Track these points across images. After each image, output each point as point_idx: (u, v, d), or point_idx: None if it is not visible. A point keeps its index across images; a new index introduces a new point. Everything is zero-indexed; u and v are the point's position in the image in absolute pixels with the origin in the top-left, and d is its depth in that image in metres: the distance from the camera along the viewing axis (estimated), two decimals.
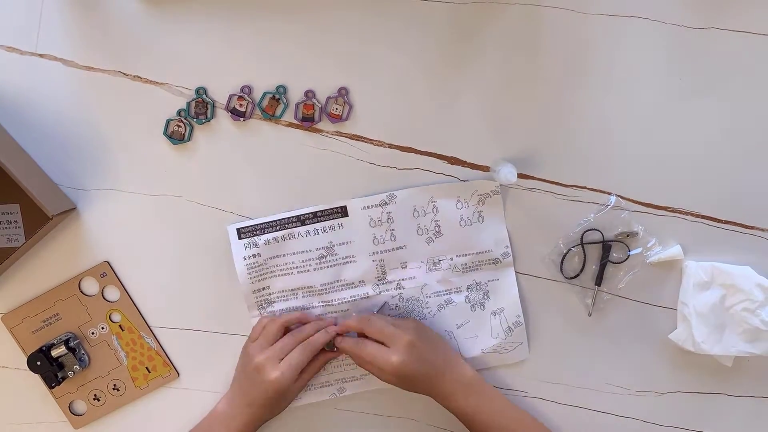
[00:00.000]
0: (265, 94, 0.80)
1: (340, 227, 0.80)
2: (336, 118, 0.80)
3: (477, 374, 0.79)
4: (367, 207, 0.80)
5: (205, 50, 0.79)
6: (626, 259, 0.81)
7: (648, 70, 0.79)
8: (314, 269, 0.81)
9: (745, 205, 0.81)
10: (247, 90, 0.80)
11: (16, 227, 0.83)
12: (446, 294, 0.83)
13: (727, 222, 0.81)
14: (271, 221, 0.81)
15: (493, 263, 0.82)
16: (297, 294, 0.82)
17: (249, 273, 0.81)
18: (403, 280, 0.82)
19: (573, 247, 0.81)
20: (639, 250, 0.81)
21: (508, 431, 0.76)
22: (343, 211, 0.80)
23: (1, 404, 0.86)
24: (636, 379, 0.84)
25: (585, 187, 0.81)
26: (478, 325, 0.83)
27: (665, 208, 0.81)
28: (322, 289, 0.82)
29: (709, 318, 0.80)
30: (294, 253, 0.81)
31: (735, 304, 0.80)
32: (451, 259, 0.82)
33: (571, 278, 0.82)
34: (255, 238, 0.80)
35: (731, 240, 0.81)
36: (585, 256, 0.81)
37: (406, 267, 0.82)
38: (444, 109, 0.80)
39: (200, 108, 0.80)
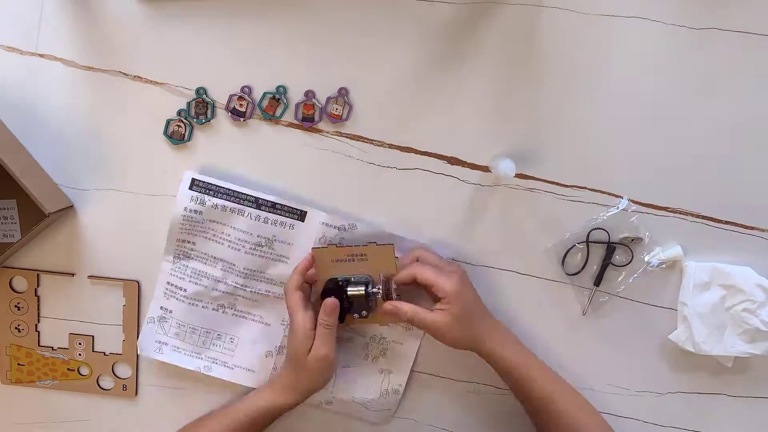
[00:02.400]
0: (265, 94, 0.80)
1: (291, 228, 0.80)
2: (336, 118, 0.80)
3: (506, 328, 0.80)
4: (326, 224, 0.80)
5: (205, 50, 0.79)
6: (628, 263, 0.81)
7: (648, 71, 0.79)
8: (245, 252, 0.81)
9: (745, 205, 0.81)
10: (247, 90, 0.80)
11: (12, 223, 0.83)
12: (350, 332, 0.83)
13: (727, 222, 0.81)
14: (228, 189, 0.79)
15: (406, 327, 0.83)
16: (217, 264, 0.81)
17: (182, 224, 0.80)
18: None
19: (578, 243, 0.81)
20: (643, 256, 0.81)
21: (553, 399, 0.77)
22: (301, 215, 0.80)
23: (2, 405, 0.86)
24: (636, 379, 0.84)
25: (585, 188, 0.81)
26: (362, 374, 0.83)
27: (665, 208, 0.81)
28: (244, 272, 0.81)
29: (709, 318, 0.80)
30: (234, 228, 0.80)
31: (735, 304, 0.80)
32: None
33: (572, 275, 0.82)
34: (204, 196, 0.79)
35: (731, 240, 0.81)
36: (588, 254, 0.81)
37: None
38: (444, 110, 0.80)
39: (200, 108, 0.80)
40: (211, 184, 0.79)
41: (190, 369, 0.83)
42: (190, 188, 0.79)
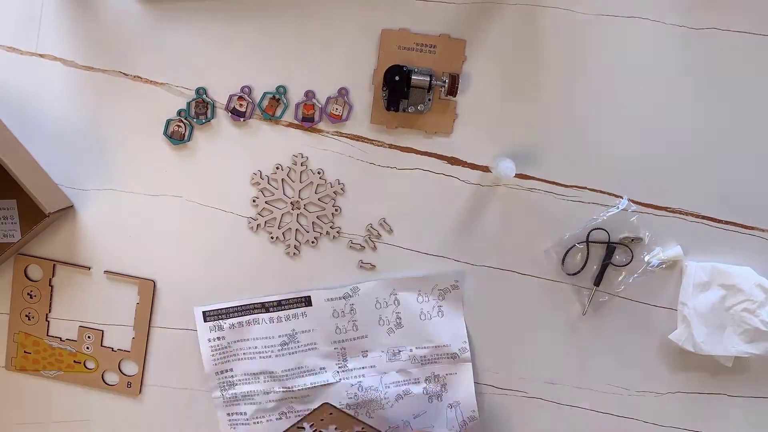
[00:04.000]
0: (265, 94, 0.80)
1: (304, 316, 0.81)
2: (336, 118, 0.80)
3: None
4: (331, 299, 0.81)
5: (205, 50, 0.79)
6: (628, 263, 0.81)
7: (648, 71, 0.79)
8: (276, 355, 0.82)
9: (745, 205, 0.81)
10: (247, 90, 0.80)
11: (12, 223, 0.83)
12: (405, 384, 0.84)
13: (727, 222, 0.81)
14: (236, 306, 0.81)
15: (452, 358, 0.83)
16: (259, 378, 0.83)
17: (213, 355, 0.82)
18: (363, 368, 0.83)
19: (578, 243, 0.81)
20: (643, 256, 0.81)
21: None
22: (306, 301, 0.81)
23: (4, 405, 0.86)
24: (636, 380, 0.84)
25: (585, 188, 0.81)
26: (434, 417, 0.84)
27: (665, 208, 0.81)
28: (284, 375, 0.83)
29: (709, 318, 0.80)
30: (257, 339, 0.82)
31: (735, 304, 0.80)
32: (411, 350, 0.83)
33: (571, 275, 0.82)
34: (220, 321, 0.81)
35: (731, 240, 0.81)
36: (588, 254, 0.81)
37: (366, 356, 0.83)
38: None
39: (200, 108, 0.80)
40: (221, 309, 0.82)
41: None
42: (205, 321, 0.81)
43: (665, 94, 0.79)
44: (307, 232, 0.82)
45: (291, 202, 0.82)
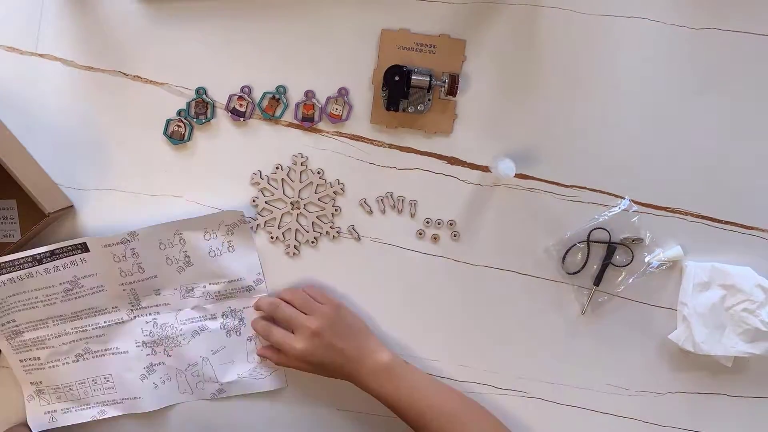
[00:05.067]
0: (265, 94, 0.80)
1: (83, 261, 0.80)
2: (336, 118, 0.80)
3: (396, 358, 0.78)
4: (109, 245, 0.79)
5: (205, 50, 0.79)
6: (629, 263, 0.81)
7: (648, 71, 0.79)
8: (61, 301, 0.81)
9: (745, 205, 0.81)
10: (247, 90, 0.80)
11: (12, 223, 0.83)
12: (201, 320, 0.83)
13: (727, 222, 0.81)
14: (5, 261, 0.78)
15: (247, 290, 0.83)
16: (47, 323, 0.82)
17: None
18: (157, 305, 0.83)
19: (579, 242, 0.81)
20: (644, 257, 0.81)
21: (432, 412, 0.75)
22: (83, 247, 0.79)
23: (5, 404, 0.86)
24: (636, 379, 0.84)
25: (585, 188, 0.81)
26: (233, 351, 0.84)
27: (665, 208, 0.81)
28: (74, 316, 0.82)
29: (709, 318, 0.80)
30: (35, 289, 0.80)
31: (735, 304, 0.80)
32: (204, 286, 0.82)
33: (571, 274, 0.82)
34: None
35: (731, 240, 0.81)
36: (589, 253, 0.81)
37: (159, 294, 0.82)
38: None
39: (200, 108, 0.80)
40: None
41: (87, 421, 0.84)
42: None
43: (665, 93, 0.79)
44: (307, 231, 0.82)
45: (291, 202, 0.82)
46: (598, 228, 0.81)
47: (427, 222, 0.82)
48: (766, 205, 0.81)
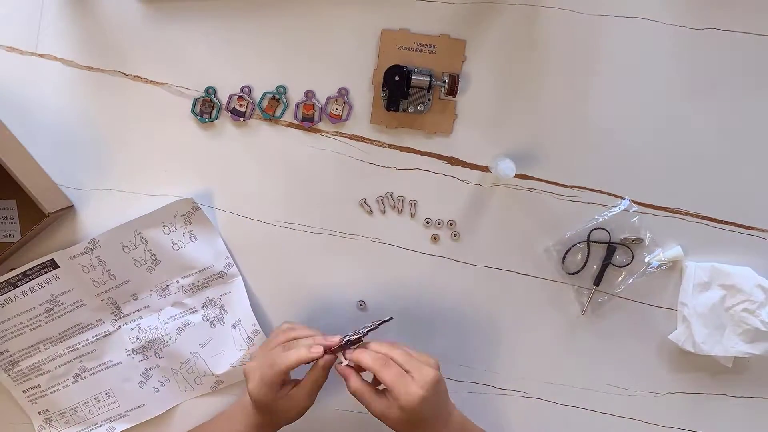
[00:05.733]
0: (265, 94, 0.80)
1: (56, 278, 0.80)
2: (336, 118, 0.80)
3: (463, 416, 0.74)
4: (74, 257, 0.80)
5: (205, 50, 0.79)
6: (628, 263, 0.81)
7: (648, 71, 0.79)
8: (45, 322, 0.81)
9: (745, 205, 0.81)
10: (247, 90, 0.80)
11: (12, 223, 0.83)
12: (182, 316, 0.83)
13: (727, 222, 0.81)
14: None
15: (220, 277, 0.82)
16: (39, 348, 0.83)
17: None
18: (138, 310, 0.83)
19: (579, 243, 0.81)
20: (644, 257, 0.81)
21: None
22: (53, 264, 0.80)
23: (5, 404, 0.86)
24: (636, 380, 0.84)
25: (585, 188, 0.81)
26: (221, 341, 0.83)
27: (665, 209, 0.81)
28: (62, 336, 0.83)
29: (709, 319, 0.80)
30: (19, 314, 0.81)
31: (735, 304, 0.80)
32: (178, 281, 0.82)
33: (572, 274, 0.82)
34: None
35: (731, 240, 0.81)
36: (589, 253, 0.81)
37: (137, 298, 0.82)
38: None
39: (206, 107, 0.80)
40: None
41: None
42: None
43: (665, 93, 0.79)
44: None
45: None
46: (598, 228, 0.81)
47: (427, 222, 0.82)
48: (766, 205, 0.81)
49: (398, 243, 0.83)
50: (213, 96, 0.80)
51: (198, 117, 0.80)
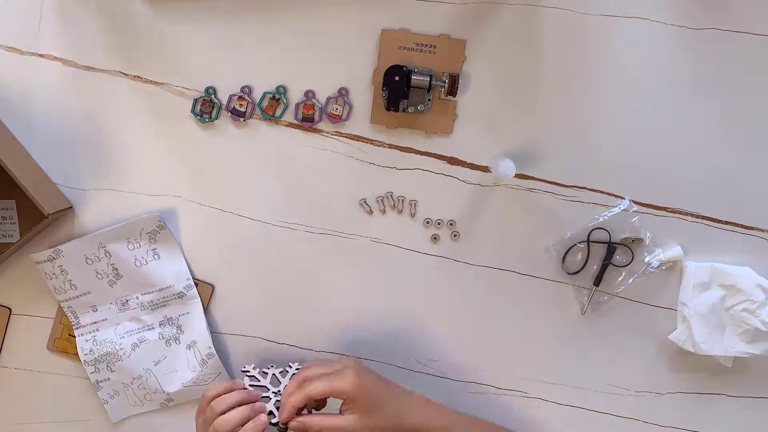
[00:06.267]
0: (265, 94, 0.80)
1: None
2: (336, 118, 0.80)
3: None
4: (38, 262, 0.80)
5: (205, 50, 0.79)
6: (628, 263, 0.81)
7: (648, 71, 0.79)
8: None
9: (745, 205, 0.81)
10: (247, 90, 0.80)
11: (11, 223, 0.83)
12: (139, 332, 0.83)
13: (727, 222, 0.81)
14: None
15: (179, 297, 0.83)
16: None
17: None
18: (95, 322, 0.83)
19: (579, 242, 0.81)
20: (644, 257, 0.81)
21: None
22: None
23: (4, 404, 0.86)
24: (636, 379, 0.84)
25: (585, 188, 0.81)
26: (175, 360, 0.83)
27: (665, 209, 0.81)
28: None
29: (709, 318, 0.80)
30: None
31: (735, 304, 0.80)
32: (137, 297, 0.82)
33: (572, 274, 0.82)
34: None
35: (731, 240, 0.81)
36: (589, 253, 0.81)
37: (96, 310, 0.83)
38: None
39: (206, 107, 0.80)
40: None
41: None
42: None
43: (665, 93, 0.79)
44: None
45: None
46: (598, 228, 0.81)
47: (427, 222, 0.82)
48: (766, 205, 0.81)
49: (398, 243, 0.83)
50: (213, 96, 0.80)
51: (198, 117, 0.80)
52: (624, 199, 0.80)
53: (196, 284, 0.82)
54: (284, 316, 0.84)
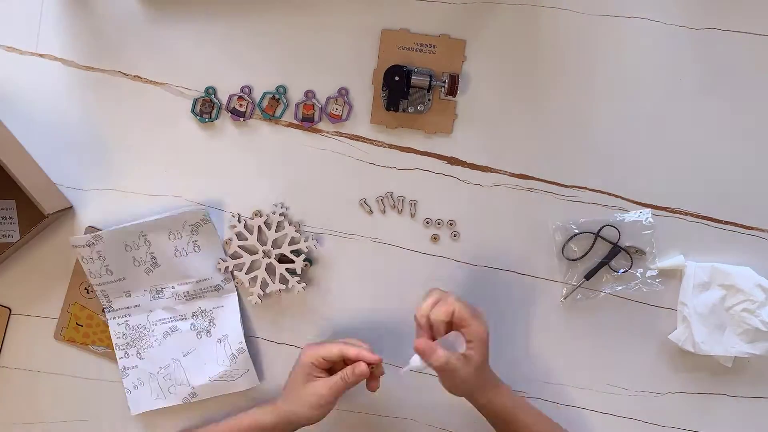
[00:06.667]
0: (265, 94, 0.80)
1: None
2: (336, 118, 0.80)
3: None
4: (76, 246, 0.80)
5: (205, 50, 0.80)
6: (625, 271, 0.81)
7: (648, 71, 0.79)
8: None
9: (745, 205, 0.81)
10: (247, 90, 0.80)
11: (11, 223, 0.83)
12: (171, 321, 0.83)
13: (727, 222, 0.81)
14: None
15: (215, 290, 0.83)
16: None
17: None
18: (128, 308, 0.83)
19: (586, 233, 0.81)
20: (639, 271, 0.81)
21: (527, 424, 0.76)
22: None
23: (5, 404, 0.86)
24: (636, 379, 0.84)
25: (585, 188, 0.81)
26: (204, 353, 0.83)
27: (665, 209, 0.81)
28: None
29: (709, 318, 0.80)
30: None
31: (735, 304, 0.80)
32: (173, 287, 0.82)
33: (570, 260, 0.81)
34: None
35: (731, 240, 0.81)
36: (593, 246, 0.81)
37: (130, 295, 0.83)
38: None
39: (206, 107, 0.80)
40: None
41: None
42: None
43: (665, 93, 0.79)
44: (273, 283, 0.82)
45: (263, 251, 0.81)
46: (609, 226, 0.80)
47: (427, 222, 0.82)
48: (766, 205, 0.81)
49: (398, 243, 0.83)
50: (213, 96, 0.80)
51: (198, 117, 0.80)
52: (646, 210, 0.80)
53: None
54: (281, 315, 0.84)
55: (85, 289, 0.84)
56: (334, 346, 0.74)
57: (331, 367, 0.75)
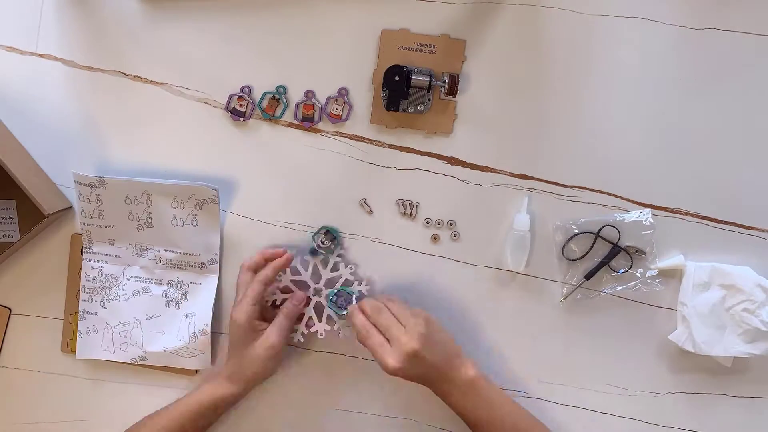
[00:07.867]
0: (265, 94, 0.80)
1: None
2: (336, 118, 0.80)
3: (479, 373, 0.76)
4: (78, 183, 0.79)
5: (206, 50, 0.80)
6: (625, 271, 0.81)
7: (648, 71, 0.79)
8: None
9: (745, 205, 0.81)
10: (247, 90, 0.80)
11: (11, 223, 0.83)
12: (146, 282, 0.83)
13: (727, 222, 0.81)
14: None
15: (199, 267, 0.82)
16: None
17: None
18: (107, 255, 0.82)
19: (587, 233, 0.81)
20: (639, 271, 0.81)
21: (505, 430, 0.75)
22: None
23: (5, 404, 0.86)
24: (636, 379, 0.84)
25: (585, 188, 0.81)
26: (167, 322, 0.83)
27: (665, 209, 0.81)
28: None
29: (709, 319, 0.80)
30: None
31: (735, 304, 0.80)
32: (158, 251, 0.82)
33: (571, 260, 0.81)
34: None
35: (731, 240, 0.81)
36: (593, 246, 0.81)
37: (113, 244, 0.82)
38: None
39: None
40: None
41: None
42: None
43: (665, 93, 0.79)
44: (319, 323, 0.81)
45: (314, 288, 0.81)
46: (609, 226, 0.80)
47: (427, 222, 0.82)
48: (766, 205, 0.81)
49: (398, 243, 0.83)
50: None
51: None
52: (646, 210, 0.80)
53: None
54: None
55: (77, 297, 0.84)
56: (253, 277, 0.77)
57: (263, 317, 0.77)
